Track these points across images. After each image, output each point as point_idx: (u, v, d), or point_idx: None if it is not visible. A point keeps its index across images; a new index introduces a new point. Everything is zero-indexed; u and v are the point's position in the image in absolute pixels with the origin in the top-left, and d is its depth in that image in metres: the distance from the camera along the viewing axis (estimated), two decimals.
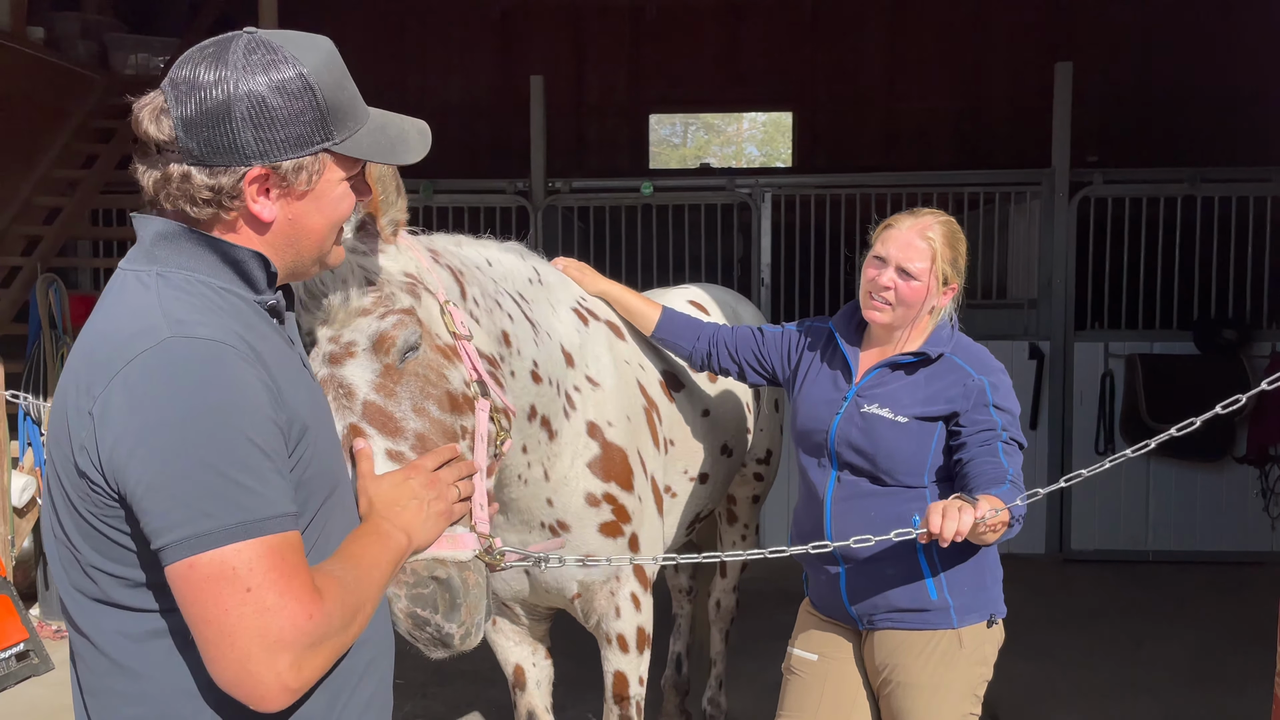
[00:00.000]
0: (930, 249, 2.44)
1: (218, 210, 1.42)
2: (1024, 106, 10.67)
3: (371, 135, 1.51)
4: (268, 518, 1.29)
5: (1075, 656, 5.20)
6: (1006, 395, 2.44)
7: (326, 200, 1.48)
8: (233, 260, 1.44)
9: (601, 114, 12.16)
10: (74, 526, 1.37)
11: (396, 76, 11.51)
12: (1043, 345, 7.12)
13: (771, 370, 2.79)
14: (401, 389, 1.82)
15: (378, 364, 1.82)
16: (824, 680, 2.58)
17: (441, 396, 1.87)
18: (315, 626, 1.30)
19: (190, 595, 1.27)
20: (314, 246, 1.52)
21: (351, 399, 1.79)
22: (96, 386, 1.31)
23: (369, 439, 1.77)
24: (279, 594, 1.27)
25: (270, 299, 1.50)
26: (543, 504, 2.56)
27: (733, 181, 7.65)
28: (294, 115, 1.40)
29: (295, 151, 1.42)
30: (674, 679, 4.05)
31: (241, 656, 1.26)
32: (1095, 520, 7.05)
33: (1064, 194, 7.13)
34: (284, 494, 1.33)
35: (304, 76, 1.41)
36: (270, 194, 1.44)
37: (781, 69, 11.89)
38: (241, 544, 1.27)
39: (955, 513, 2.05)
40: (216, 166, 1.39)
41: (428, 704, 4.66)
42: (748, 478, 3.67)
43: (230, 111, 1.37)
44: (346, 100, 1.47)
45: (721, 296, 3.67)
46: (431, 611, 1.70)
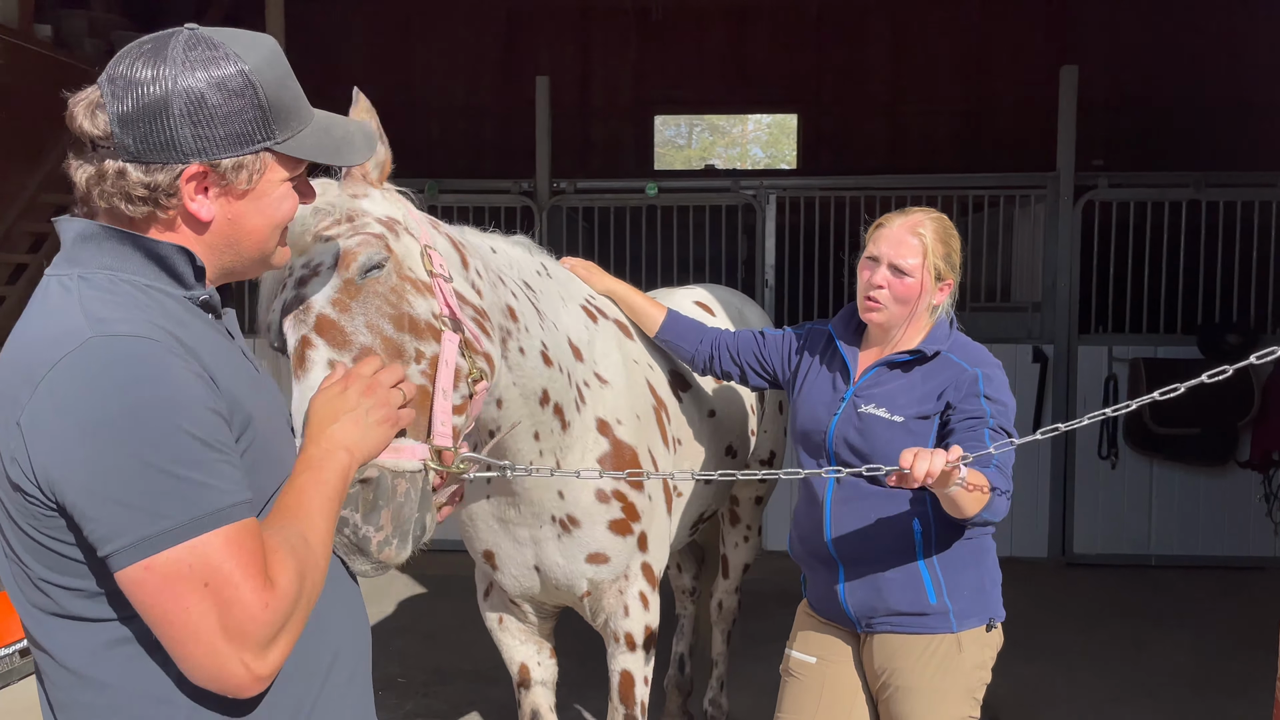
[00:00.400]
0: (921, 244, 2.45)
1: (154, 208, 1.39)
2: (1029, 110, 10.66)
3: (315, 136, 1.49)
4: (217, 510, 1.27)
5: (1077, 660, 5.20)
6: (1000, 388, 2.43)
7: (267, 201, 1.46)
8: (156, 256, 1.41)
9: (606, 115, 12.18)
10: (19, 542, 1.34)
11: (402, 76, 11.55)
12: (1046, 349, 7.12)
13: (773, 372, 2.79)
14: (356, 305, 1.81)
15: (338, 280, 1.82)
16: (822, 683, 2.58)
17: (399, 316, 1.84)
18: (273, 614, 1.29)
19: (147, 598, 1.26)
20: (255, 247, 1.49)
21: (307, 313, 1.80)
22: (22, 395, 1.27)
23: (312, 349, 1.76)
24: (235, 587, 1.26)
25: (201, 294, 1.46)
26: (554, 495, 2.56)
27: (737, 183, 7.65)
28: (234, 113, 1.38)
29: (235, 150, 1.40)
30: (676, 679, 4.06)
31: (208, 652, 1.26)
32: (1098, 524, 7.04)
33: (1069, 197, 7.12)
34: (233, 482, 1.31)
35: (245, 74, 1.38)
36: (209, 192, 1.41)
37: (786, 71, 11.90)
38: (193, 541, 1.25)
39: (928, 455, 1.99)
40: (153, 163, 1.36)
41: (429, 702, 4.66)
42: (751, 479, 3.67)
43: (168, 107, 1.35)
44: (289, 99, 1.45)
45: (727, 298, 3.68)
46: (351, 510, 1.63)
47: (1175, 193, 7.13)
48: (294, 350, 1.78)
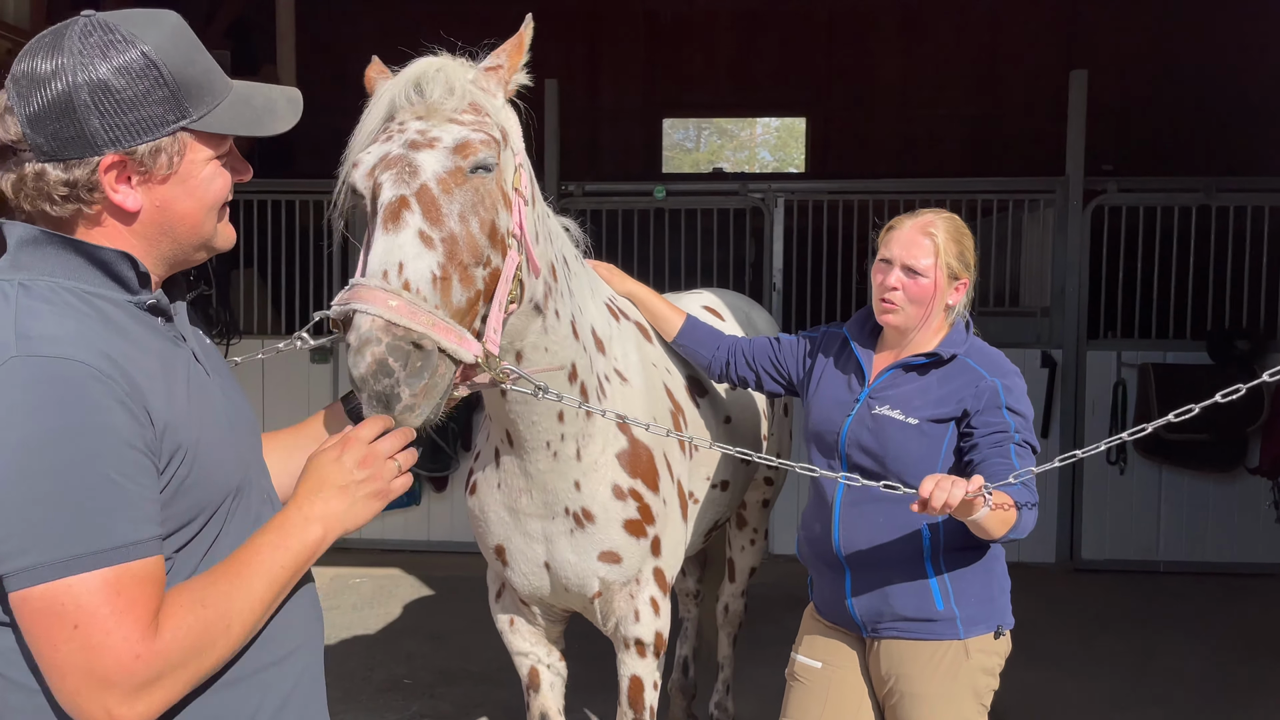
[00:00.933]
0: (934, 245, 2.45)
1: (79, 206, 1.36)
2: (1039, 114, 10.65)
3: (234, 109, 1.44)
4: (105, 549, 1.23)
5: (1084, 666, 5.19)
6: (1020, 398, 2.43)
7: (194, 182, 1.41)
8: (99, 262, 1.37)
9: (615, 118, 12.19)
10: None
11: None
12: (1055, 354, 7.10)
13: (788, 377, 2.79)
14: (458, 192, 1.91)
15: (450, 163, 1.91)
16: (827, 688, 2.57)
17: (486, 221, 1.95)
18: (143, 666, 1.24)
19: (25, 626, 1.24)
20: (191, 231, 1.44)
21: (413, 177, 1.88)
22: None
23: (409, 211, 1.84)
24: (105, 633, 1.22)
25: (148, 299, 1.42)
26: (570, 486, 2.54)
27: (745, 186, 7.65)
28: (140, 96, 1.34)
29: (149, 134, 1.35)
30: (681, 682, 4.05)
31: (72, 691, 1.24)
32: (1106, 530, 7.02)
33: (1078, 202, 7.10)
34: (133, 521, 1.26)
35: (146, 55, 1.34)
36: (131, 181, 1.37)
37: (795, 75, 11.91)
38: (72, 579, 1.22)
39: (948, 484, 2.01)
40: (69, 159, 1.33)
41: (435, 704, 4.67)
42: (758, 483, 3.68)
43: (72, 101, 1.31)
44: (199, 75, 1.40)
45: (735, 302, 3.68)
46: (400, 367, 1.70)
47: (1185, 198, 7.11)
48: (389, 203, 1.85)
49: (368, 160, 1.94)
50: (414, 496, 7.18)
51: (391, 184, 1.88)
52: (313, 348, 1.94)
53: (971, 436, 2.39)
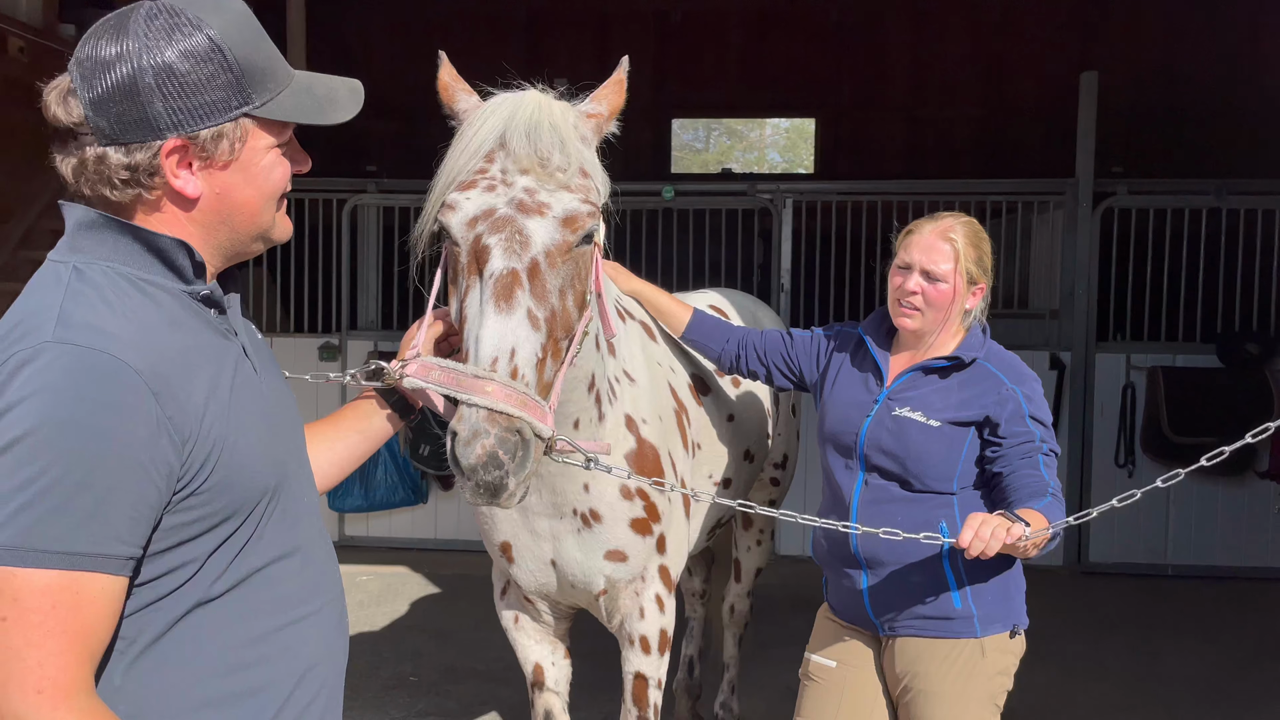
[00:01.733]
0: (953, 250, 2.44)
1: (139, 190, 1.35)
2: (1049, 116, 10.62)
3: (296, 97, 1.42)
4: (68, 553, 1.19)
5: (1091, 668, 5.17)
6: (1040, 405, 2.44)
7: (255, 170, 1.40)
8: (156, 249, 1.36)
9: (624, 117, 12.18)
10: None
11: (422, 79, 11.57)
12: (1064, 356, 7.08)
13: (800, 373, 2.79)
14: (562, 266, 1.93)
15: (559, 236, 1.92)
16: (842, 687, 2.57)
17: (579, 292, 1.99)
18: (40, 705, 1.17)
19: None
20: (249, 221, 1.43)
21: (524, 248, 1.89)
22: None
23: (520, 289, 1.85)
24: (26, 643, 1.17)
25: (202, 289, 1.40)
26: (579, 488, 2.55)
27: (754, 187, 7.65)
28: (205, 80, 1.33)
29: (212, 119, 1.34)
30: (686, 682, 4.05)
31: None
32: (1114, 533, 6.99)
33: (1088, 204, 7.08)
34: (110, 535, 1.22)
35: (211, 39, 1.34)
36: (192, 167, 1.36)
37: (805, 76, 11.90)
38: (17, 569, 1.17)
39: (987, 533, 2.04)
40: (131, 143, 1.32)
41: (441, 701, 4.68)
42: (764, 482, 3.67)
43: (137, 84, 1.30)
44: (263, 61, 1.39)
45: (741, 301, 3.68)
46: (510, 458, 1.76)
47: (1195, 200, 7.09)
48: (500, 276, 1.86)
49: (467, 208, 1.92)
50: (421, 495, 7.20)
51: (502, 253, 1.88)
52: (365, 385, 1.93)
53: (999, 447, 2.39)
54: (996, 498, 2.37)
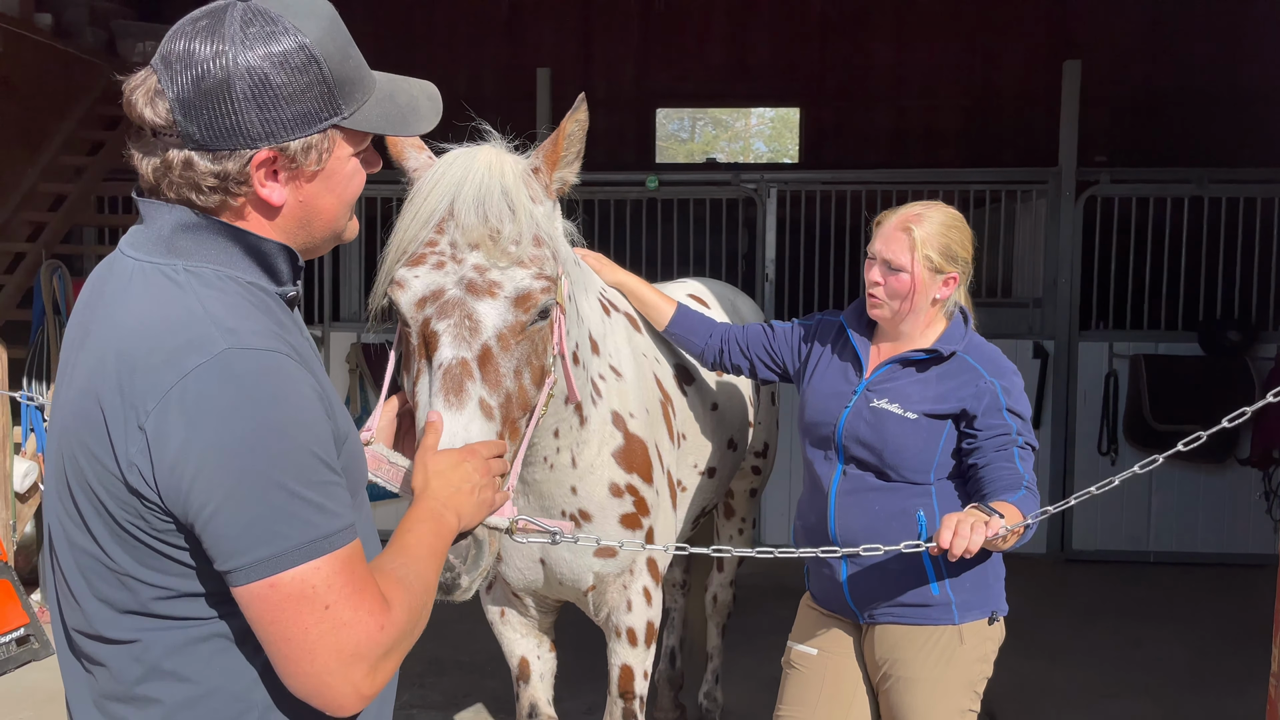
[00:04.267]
0: (909, 240, 2.43)
1: (224, 197, 1.33)
2: (1032, 105, 10.63)
3: (380, 106, 1.41)
4: (336, 532, 1.27)
5: (1074, 656, 5.20)
6: (1019, 399, 2.44)
7: (337, 179, 1.40)
8: (259, 253, 1.36)
9: (608, 107, 12.12)
10: (111, 537, 1.29)
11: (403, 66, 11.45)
12: (1047, 344, 7.10)
13: (783, 365, 2.78)
14: (517, 349, 1.88)
15: (511, 317, 1.87)
16: (823, 674, 2.58)
17: (537, 368, 1.94)
18: (386, 636, 1.29)
19: (268, 614, 1.25)
20: (327, 226, 1.43)
21: (474, 335, 1.83)
22: (149, 400, 1.23)
23: (471, 380, 1.80)
24: (353, 609, 1.26)
25: (291, 291, 1.43)
26: (566, 491, 2.54)
27: (738, 177, 7.63)
28: (299, 91, 1.31)
29: (302, 130, 1.32)
30: (668, 673, 4.05)
31: (320, 670, 1.26)
32: (1097, 520, 7.03)
33: (1070, 193, 7.10)
34: (344, 505, 1.31)
35: (308, 48, 1.31)
36: (279, 176, 1.35)
37: (789, 65, 11.86)
38: (318, 561, 1.25)
39: (967, 530, 2.04)
40: (220, 151, 1.30)
41: (425, 693, 4.66)
42: (746, 471, 3.67)
43: (231, 90, 1.28)
44: (353, 70, 1.37)
45: (720, 291, 3.67)
46: (460, 561, 1.75)
47: (1177, 189, 7.11)
48: (449, 367, 1.80)
49: (416, 287, 1.86)
50: None
51: (452, 340, 1.82)
52: None
53: (974, 439, 2.39)
54: (971, 490, 2.38)
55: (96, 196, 7.92)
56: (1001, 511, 2.11)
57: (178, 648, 1.32)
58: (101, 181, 7.87)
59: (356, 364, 7.19)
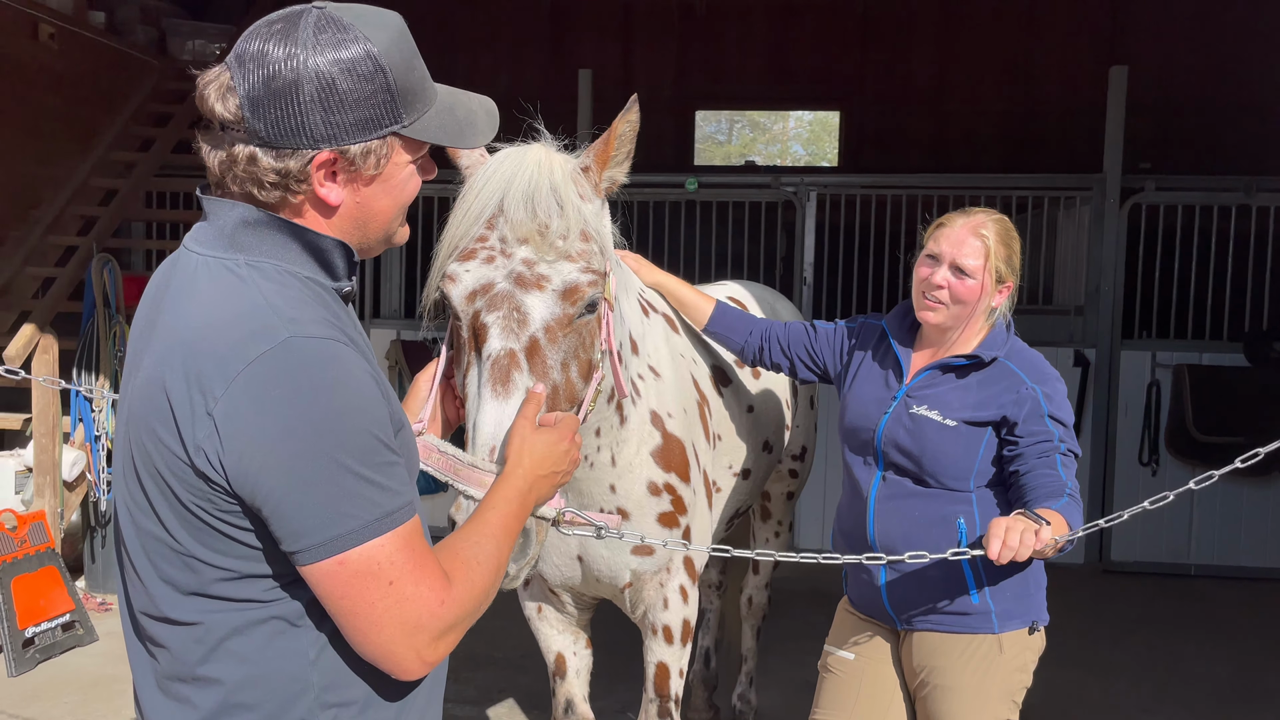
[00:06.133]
0: (984, 246, 2.41)
1: (284, 194, 1.39)
2: (1077, 110, 10.51)
3: (440, 117, 1.46)
4: (398, 509, 1.33)
5: (1110, 669, 5.14)
6: (1061, 405, 2.40)
7: (394, 183, 1.45)
8: (316, 249, 1.42)
9: (647, 109, 12.07)
10: (177, 520, 1.34)
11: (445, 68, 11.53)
12: (1088, 353, 7.03)
13: (823, 366, 2.77)
14: (564, 341, 1.90)
15: (559, 309, 1.89)
16: (860, 680, 2.57)
17: (584, 362, 1.96)
18: (447, 611, 1.36)
19: (337, 590, 1.31)
20: (380, 228, 1.48)
21: (522, 327, 1.86)
22: (216, 387, 1.28)
23: (518, 371, 1.83)
24: (415, 583, 1.33)
25: (347, 286, 1.47)
26: (605, 489, 2.56)
27: (778, 179, 7.62)
28: (364, 98, 1.36)
29: (363, 135, 1.38)
30: (702, 673, 4.06)
31: (386, 641, 1.33)
32: (1137, 531, 6.94)
33: (1115, 200, 7.02)
34: (406, 483, 1.37)
35: (375, 58, 1.36)
36: (337, 178, 1.40)
37: (829, 68, 11.82)
38: (383, 538, 1.31)
39: (1016, 539, 2.02)
40: (283, 149, 1.35)
41: (460, 688, 4.70)
42: (783, 474, 3.67)
43: (299, 92, 1.33)
44: (416, 81, 1.42)
45: (760, 293, 3.67)
46: None
47: (1224, 197, 7.02)
48: (497, 358, 1.83)
49: (466, 281, 1.89)
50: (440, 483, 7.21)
51: (500, 332, 1.85)
52: None
53: (1016, 446, 2.36)
54: (1013, 496, 2.35)
55: (146, 192, 8.06)
56: (1048, 518, 2.09)
57: (238, 629, 1.37)
58: (151, 177, 8.00)
59: (396, 360, 7.28)
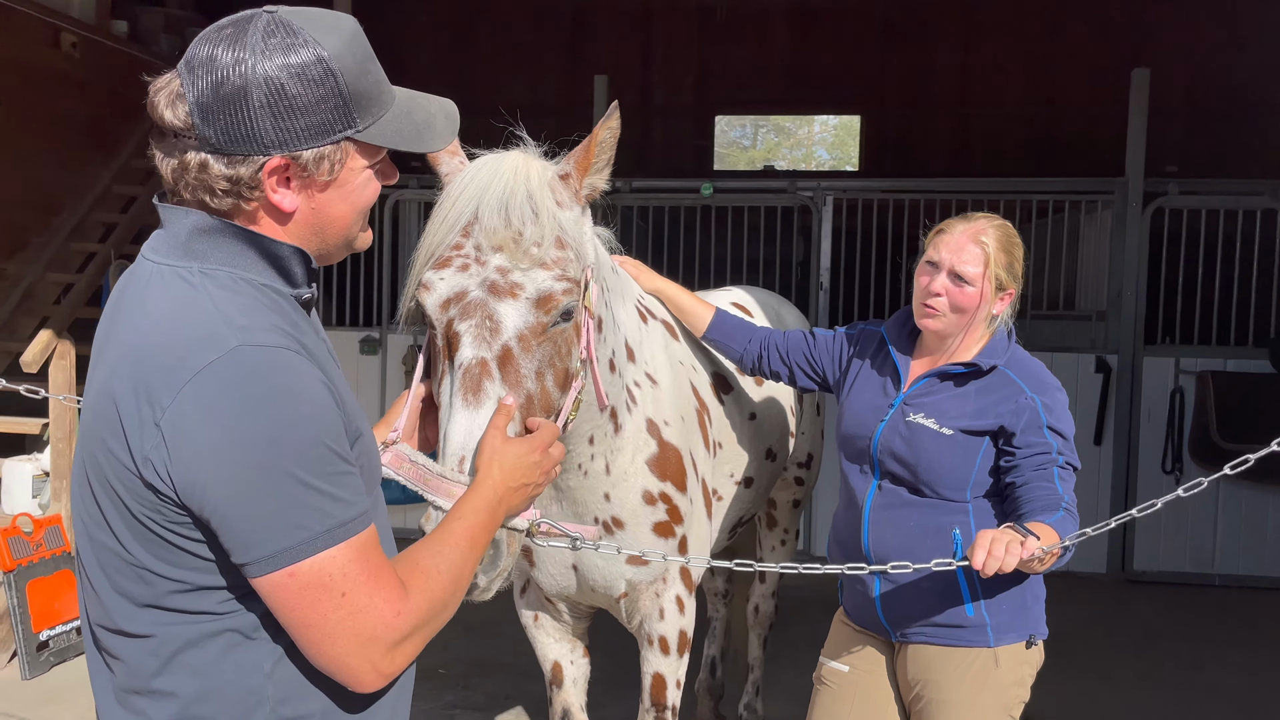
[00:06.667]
0: (984, 253, 2.37)
1: (237, 201, 1.36)
2: (1100, 114, 10.40)
3: (396, 121, 1.43)
4: (350, 520, 1.31)
5: (1130, 679, 5.05)
6: (1061, 416, 2.35)
7: (350, 188, 1.42)
8: (272, 256, 1.39)
9: (667, 115, 12.16)
10: (129, 532, 1.32)
11: (465, 75, 11.66)
12: (1110, 359, 6.93)
13: (822, 374, 2.74)
14: (538, 350, 1.87)
15: (532, 317, 1.87)
16: (854, 692, 2.53)
17: (561, 371, 1.93)
18: (402, 622, 1.33)
19: (289, 603, 1.29)
20: (339, 234, 1.46)
21: (494, 335, 1.84)
22: (163, 397, 1.26)
23: (490, 380, 1.80)
24: (369, 594, 1.31)
25: (306, 293, 1.45)
26: (600, 498, 2.54)
27: (794, 184, 7.58)
28: (314, 103, 1.33)
29: (316, 140, 1.35)
30: (708, 683, 4.03)
31: (340, 653, 1.31)
32: (1160, 540, 6.84)
33: (1137, 204, 6.93)
34: (357, 493, 1.34)
35: (325, 61, 1.33)
36: (291, 184, 1.38)
37: (850, 72, 11.78)
38: (335, 549, 1.29)
39: (1001, 550, 1.97)
40: (234, 156, 1.33)
41: (468, 694, 4.70)
42: (789, 482, 3.63)
43: (248, 98, 1.30)
44: (370, 85, 1.39)
45: (765, 299, 3.64)
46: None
47: (1249, 200, 6.91)
48: (468, 367, 1.81)
49: (441, 289, 1.88)
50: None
51: (472, 341, 1.83)
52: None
53: (1013, 457, 2.32)
54: (1009, 509, 2.30)
55: None
56: (1037, 533, 2.04)
57: (192, 642, 1.34)
58: None
59: (412, 366, 7.29)
